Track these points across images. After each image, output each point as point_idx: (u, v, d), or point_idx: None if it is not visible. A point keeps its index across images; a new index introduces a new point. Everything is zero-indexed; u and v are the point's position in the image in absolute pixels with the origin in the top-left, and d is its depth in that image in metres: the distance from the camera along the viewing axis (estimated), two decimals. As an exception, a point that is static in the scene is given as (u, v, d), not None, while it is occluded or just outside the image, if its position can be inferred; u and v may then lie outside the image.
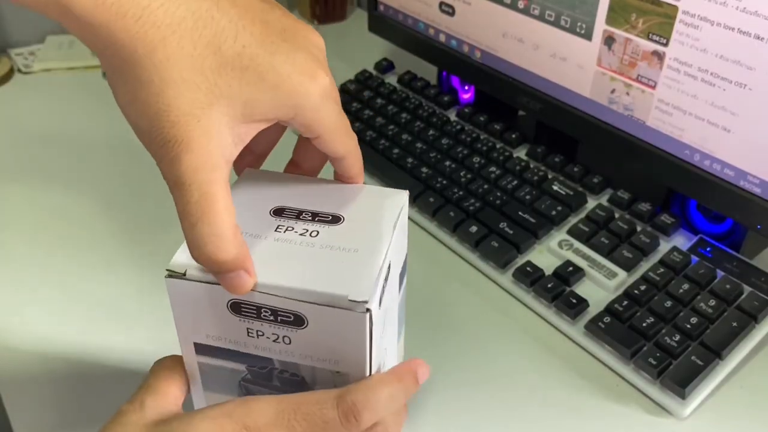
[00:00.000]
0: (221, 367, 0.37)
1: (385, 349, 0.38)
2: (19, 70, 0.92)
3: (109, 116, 0.83)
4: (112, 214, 0.67)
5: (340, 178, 0.41)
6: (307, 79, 0.33)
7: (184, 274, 0.34)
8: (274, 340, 0.35)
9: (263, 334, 0.35)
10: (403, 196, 0.40)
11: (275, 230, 0.36)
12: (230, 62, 0.30)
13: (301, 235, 0.36)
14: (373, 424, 0.34)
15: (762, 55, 0.49)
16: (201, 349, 0.37)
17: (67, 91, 0.88)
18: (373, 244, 0.36)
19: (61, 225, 0.66)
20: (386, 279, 0.35)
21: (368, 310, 0.32)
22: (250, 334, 0.35)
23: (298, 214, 0.37)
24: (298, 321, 0.33)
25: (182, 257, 0.34)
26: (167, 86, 0.29)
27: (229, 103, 0.31)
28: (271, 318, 0.34)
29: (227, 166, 0.32)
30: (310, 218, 0.37)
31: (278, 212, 0.38)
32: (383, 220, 0.37)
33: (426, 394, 0.51)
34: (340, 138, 0.37)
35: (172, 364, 0.38)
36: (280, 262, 0.34)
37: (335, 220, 0.37)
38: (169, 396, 0.36)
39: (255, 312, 0.34)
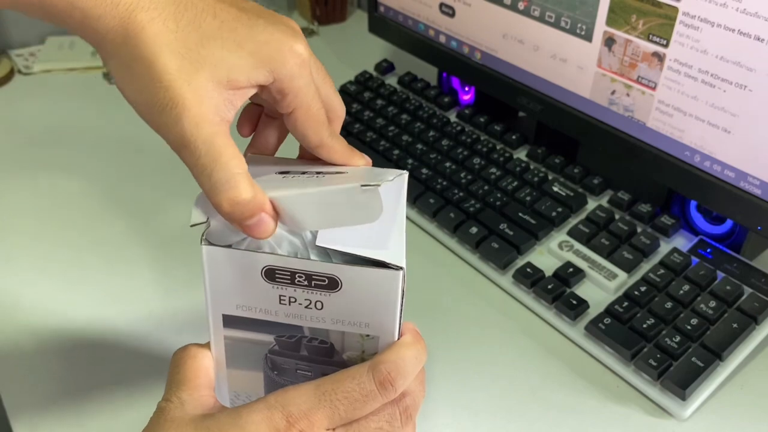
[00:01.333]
0: (247, 340, 0.38)
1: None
2: (20, 71, 0.92)
3: (109, 117, 0.83)
4: (112, 213, 0.67)
5: None
6: (285, 46, 0.35)
7: (207, 224, 0.35)
8: (306, 306, 0.35)
9: (295, 301, 0.35)
10: (404, 175, 0.40)
11: (287, 184, 0.37)
12: (211, 35, 0.34)
13: (313, 177, 0.37)
14: (403, 391, 0.36)
15: (762, 57, 0.49)
16: (229, 321, 0.37)
17: (67, 92, 0.88)
18: (393, 218, 0.36)
19: (61, 224, 0.66)
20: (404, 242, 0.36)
21: (401, 268, 0.34)
22: (282, 301, 0.35)
23: (302, 173, 0.38)
24: (333, 284, 0.34)
25: (199, 214, 0.35)
26: (157, 57, 0.33)
27: (213, 70, 0.33)
28: (305, 283, 0.34)
29: (225, 124, 0.34)
30: (315, 173, 0.38)
31: (284, 173, 0.38)
32: (391, 187, 0.38)
33: (426, 393, 0.51)
34: (313, 122, 0.37)
35: (196, 352, 0.38)
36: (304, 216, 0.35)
37: (340, 173, 0.38)
38: (203, 388, 0.37)
39: (289, 277, 0.34)
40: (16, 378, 0.52)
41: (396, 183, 0.38)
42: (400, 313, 0.35)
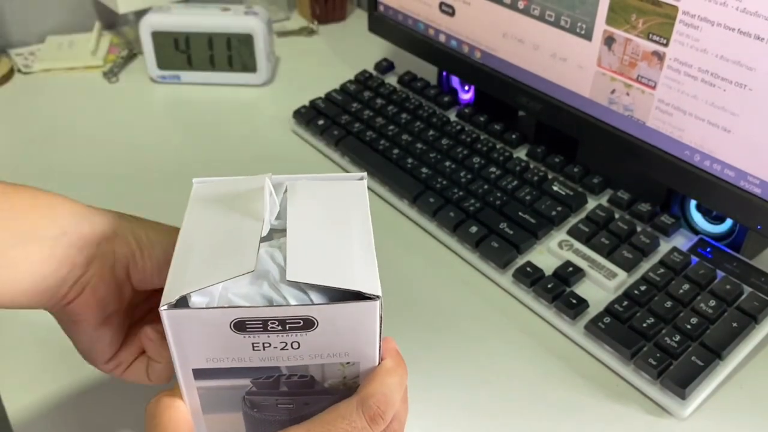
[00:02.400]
0: (222, 387, 0.36)
1: None
2: (19, 71, 0.92)
3: (109, 116, 0.83)
4: (112, 214, 0.67)
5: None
6: None
7: (181, 304, 0.33)
8: (282, 348, 0.34)
9: (270, 345, 0.34)
10: (363, 181, 0.40)
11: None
12: None
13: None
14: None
15: (762, 56, 0.49)
16: (200, 373, 0.36)
17: (67, 91, 0.88)
18: (358, 231, 0.36)
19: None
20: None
21: (378, 297, 0.33)
22: (255, 348, 0.34)
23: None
24: (308, 324, 0.33)
25: (173, 290, 0.33)
26: None
27: None
28: (279, 328, 0.33)
29: None
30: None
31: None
32: (356, 207, 0.38)
33: (426, 393, 0.51)
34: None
35: (170, 402, 0.36)
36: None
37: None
38: None
39: (261, 325, 0.33)
40: (16, 378, 0.52)
41: (344, 186, 0.38)
42: (380, 335, 0.35)
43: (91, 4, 1.00)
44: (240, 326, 0.33)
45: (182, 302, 0.33)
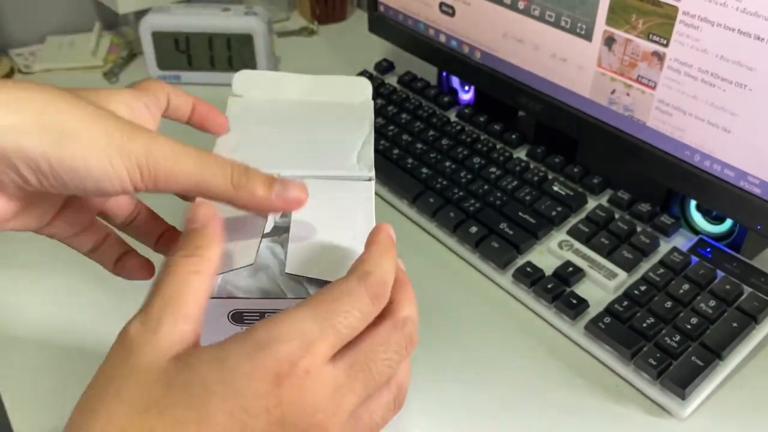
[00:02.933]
0: None
1: None
2: (20, 71, 0.92)
3: (109, 116, 0.83)
4: (112, 214, 0.67)
5: None
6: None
7: None
8: None
9: None
10: (371, 182, 0.40)
11: None
12: None
13: None
14: (404, 318, 0.34)
15: (762, 56, 0.49)
16: None
17: (67, 92, 0.88)
18: (361, 230, 0.36)
19: (61, 225, 0.66)
20: None
21: None
22: None
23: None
24: None
25: None
26: None
27: None
28: None
29: None
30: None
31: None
32: (362, 208, 0.38)
33: (426, 393, 0.51)
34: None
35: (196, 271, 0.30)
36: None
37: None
38: (191, 316, 0.29)
39: (258, 317, 0.33)
40: (16, 378, 0.52)
41: (352, 186, 0.38)
42: None
43: (91, 4, 1.00)
44: (238, 317, 0.34)
45: None
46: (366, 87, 0.45)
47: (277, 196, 0.33)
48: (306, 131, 0.42)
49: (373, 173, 0.40)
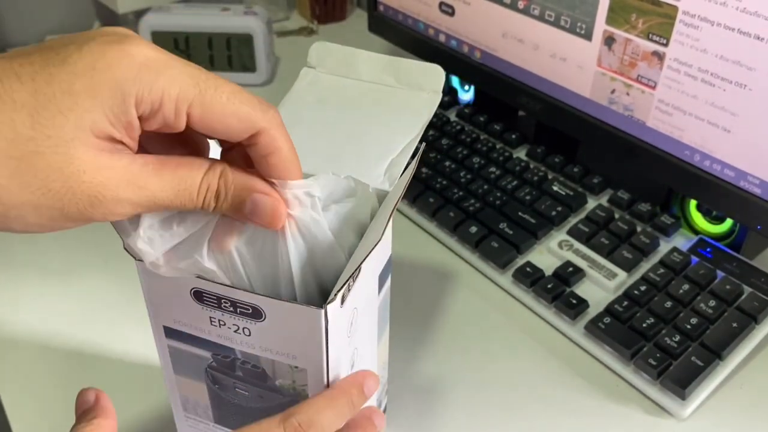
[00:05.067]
0: (188, 352, 0.38)
1: (356, 348, 0.38)
2: (19, 70, 0.92)
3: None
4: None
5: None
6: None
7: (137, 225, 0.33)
8: (235, 331, 0.35)
9: (225, 324, 0.35)
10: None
11: None
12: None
13: None
14: None
15: (762, 56, 0.49)
16: (170, 333, 0.38)
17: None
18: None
19: (61, 225, 0.66)
20: (353, 278, 0.34)
21: (323, 307, 0.32)
22: (212, 323, 0.35)
23: None
24: (256, 314, 0.34)
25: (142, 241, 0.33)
26: None
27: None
28: (231, 309, 0.34)
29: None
30: None
31: None
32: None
33: (426, 393, 0.51)
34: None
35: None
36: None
37: None
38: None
39: (216, 302, 0.34)
40: (16, 378, 0.52)
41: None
42: (330, 349, 0.34)
43: (91, 4, 1.00)
44: (198, 296, 0.35)
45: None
46: (439, 77, 0.43)
47: (250, 216, 0.32)
48: (357, 122, 0.42)
49: (392, 187, 0.39)
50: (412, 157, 0.40)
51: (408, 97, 0.43)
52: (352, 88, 0.43)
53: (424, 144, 0.41)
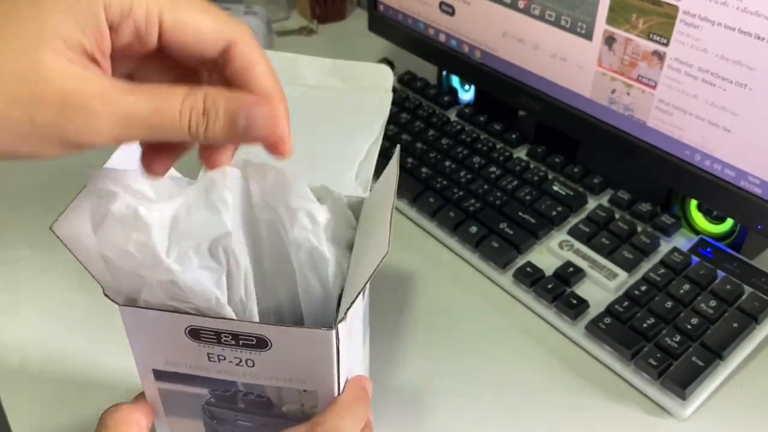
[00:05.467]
0: (183, 392, 0.36)
1: (351, 356, 0.37)
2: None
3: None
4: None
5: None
6: None
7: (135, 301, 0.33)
8: (236, 364, 0.34)
9: (225, 359, 0.34)
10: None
11: None
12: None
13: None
14: None
15: (762, 55, 0.49)
16: (161, 375, 0.35)
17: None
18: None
19: (61, 225, 0.66)
20: (363, 294, 0.34)
21: (334, 328, 0.32)
22: (211, 359, 0.34)
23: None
24: (262, 343, 0.33)
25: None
26: None
27: None
28: (233, 342, 0.33)
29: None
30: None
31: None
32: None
33: (426, 394, 0.51)
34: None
35: (126, 414, 0.36)
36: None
37: None
38: None
39: (215, 337, 0.33)
40: (16, 379, 0.52)
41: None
42: (340, 366, 0.34)
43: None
44: (195, 334, 0.33)
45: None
46: (387, 76, 0.42)
47: (245, 132, 0.30)
48: (314, 129, 0.39)
49: (368, 192, 0.38)
50: (386, 158, 0.38)
51: (359, 99, 0.41)
52: (300, 97, 0.41)
53: (398, 146, 0.39)
